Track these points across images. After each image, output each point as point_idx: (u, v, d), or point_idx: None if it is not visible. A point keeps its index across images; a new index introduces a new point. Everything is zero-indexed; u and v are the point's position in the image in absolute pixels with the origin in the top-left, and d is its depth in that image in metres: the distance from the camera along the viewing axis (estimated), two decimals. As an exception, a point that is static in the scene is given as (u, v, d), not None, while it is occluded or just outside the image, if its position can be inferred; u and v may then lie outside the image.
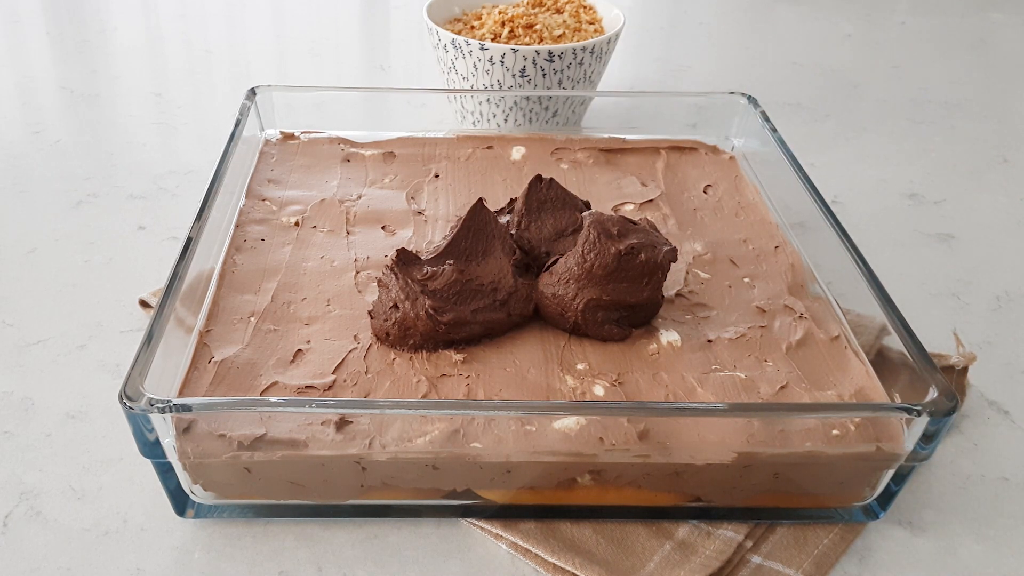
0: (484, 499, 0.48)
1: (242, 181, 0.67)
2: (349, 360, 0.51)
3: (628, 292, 0.52)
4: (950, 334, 0.59)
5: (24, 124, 0.90)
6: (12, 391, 0.57)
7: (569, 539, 0.48)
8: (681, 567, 0.46)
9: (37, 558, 0.47)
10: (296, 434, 0.45)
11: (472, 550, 0.48)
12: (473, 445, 0.45)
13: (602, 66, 0.86)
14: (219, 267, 0.58)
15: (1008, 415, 0.58)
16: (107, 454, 0.53)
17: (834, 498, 0.50)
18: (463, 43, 0.81)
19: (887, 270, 0.69)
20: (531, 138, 0.76)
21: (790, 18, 1.29)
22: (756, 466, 0.47)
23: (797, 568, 0.47)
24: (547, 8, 0.91)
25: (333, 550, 0.48)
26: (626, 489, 0.48)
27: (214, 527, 0.49)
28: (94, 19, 1.18)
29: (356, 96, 0.78)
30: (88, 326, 0.63)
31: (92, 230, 0.73)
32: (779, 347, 0.53)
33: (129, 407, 0.42)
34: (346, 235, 0.62)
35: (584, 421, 0.46)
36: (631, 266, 0.52)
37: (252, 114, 0.70)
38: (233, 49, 1.14)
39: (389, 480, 0.47)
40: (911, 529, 0.50)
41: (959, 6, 1.34)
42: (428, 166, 0.71)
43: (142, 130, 0.90)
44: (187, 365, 0.50)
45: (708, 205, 0.68)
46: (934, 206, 0.82)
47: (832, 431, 0.46)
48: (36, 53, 1.09)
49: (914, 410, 0.44)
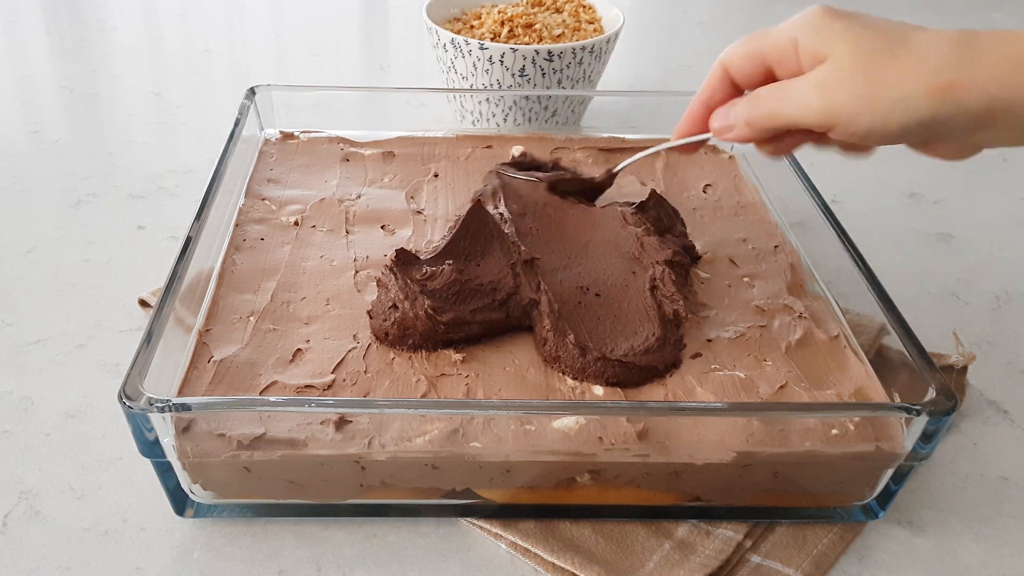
0: (483, 498, 0.48)
1: (241, 180, 0.67)
2: (348, 359, 0.51)
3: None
4: (949, 334, 0.59)
5: (24, 124, 0.90)
6: (12, 390, 0.57)
7: (568, 538, 0.48)
8: (680, 566, 0.46)
9: (36, 557, 0.47)
10: (295, 433, 0.45)
11: (472, 549, 0.48)
12: (472, 445, 0.45)
13: (601, 65, 0.86)
14: (218, 266, 0.58)
15: (1007, 414, 0.58)
16: (106, 453, 0.53)
17: (833, 498, 0.50)
18: (462, 42, 0.81)
19: (887, 270, 0.69)
20: (530, 137, 0.75)
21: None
22: (755, 466, 0.47)
23: (796, 568, 0.47)
24: (546, 8, 0.91)
25: (332, 549, 0.48)
26: (625, 489, 0.48)
27: (213, 526, 0.49)
28: (93, 18, 1.18)
29: (355, 95, 0.78)
30: (87, 325, 0.62)
31: (91, 230, 0.73)
32: (778, 347, 0.53)
33: (128, 406, 0.42)
34: (345, 234, 0.62)
35: (583, 421, 0.46)
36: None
37: (251, 113, 0.70)
38: (233, 49, 1.14)
39: (388, 480, 0.47)
40: (910, 528, 0.50)
41: (959, 6, 1.34)
42: (427, 165, 0.71)
43: (142, 129, 0.90)
44: (186, 364, 0.50)
45: (708, 205, 0.68)
46: (933, 206, 0.82)
47: (831, 431, 0.46)
48: (35, 52, 1.09)
49: (913, 410, 0.44)
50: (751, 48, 0.47)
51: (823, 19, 0.43)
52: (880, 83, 0.41)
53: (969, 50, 0.40)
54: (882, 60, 0.41)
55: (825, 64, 0.42)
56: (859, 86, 0.41)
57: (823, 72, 0.42)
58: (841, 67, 0.41)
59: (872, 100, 0.41)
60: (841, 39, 0.42)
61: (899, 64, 0.40)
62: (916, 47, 0.41)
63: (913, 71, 0.40)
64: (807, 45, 0.43)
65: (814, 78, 0.43)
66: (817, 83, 0.42)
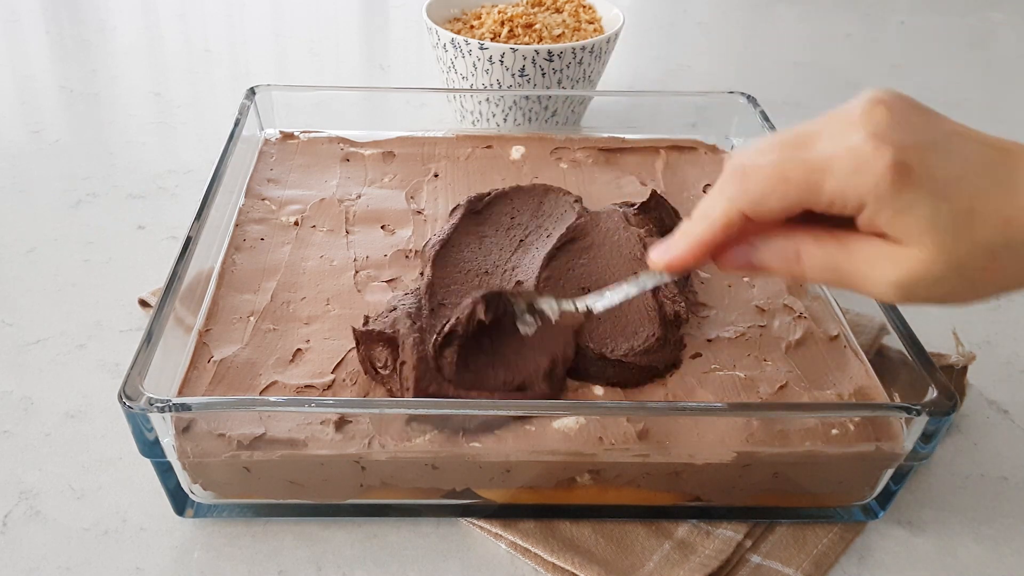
0: (483, 498, 0.48)
1: (241, 180, 0.67)
2: (348, 359, 0.51)
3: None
4: (950, 333, 0.59)
5: (23, 124, 0.90)
6: (12, 390, 0.57)
7: (568, 538, 0.48)
8: (680, 566, 0.46)
9: (36, 557, 0.47)
10: (295, 433, 0.45)
11: (472, 549, 0.48)
12: (472, 444, 0.45)
13: (601, 65, 0.86)
14: (218, 266, 0.58)
15: (1007, 414, 0.58)
16: (106, 454, 0.53)
17: (833, 497, 0.50)
18: (462, 42, 0.81)
19: (886, 270, 0.69)
20: (530, 137, 0.75)
21: (790, 17, 1.29)
22: (755, 465, 0.47)
23: (796, 567, 0.47)
24: (546, 7, 0.91)
25: (332, 549, 0.48)
26: (625, 489, 0.48)
27: (213, 526, 0.49)
28: (93, 18, 1.18)
29: (355, 95, 0.78)
30: (88, 325, 0.62)
31: (91, 229, 0.73)
32: (778, 346, 0.53)
33: (128, 406, 0.42)
34: (345, 234, 0.62)
35: (584, 421, 0.46)
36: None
37: (251, 113, 0.70)
38: (233, 48, 1.14)
39: (388, 479, 0.47)
40: (910, 528, 0.50)
41: (959, 6, 1.34)
42: (427, 165, 0.71)
43: (142, 129, 0.90)
44: (186, 364, 0.50)
45: (708, 204, 0.68)
46: (934, 206, 0.82)
47: (831, 430, 0.46)
48: (35, 52, 1.09)
49: (913, 409, 0.44)
50: (792, 200, 0.35)
51: (896, 182, 0.33)
52: (975, 287, 0.35)
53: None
54: (980, 266, 0.34)
55: (907, 255, 0.34)
56: (948, 287, 0.34)
57: (907, 268, 0.34)
58: (930, 270, 0.34)
59: (960, 296, 0.35)
60: (928, 233, 0.33)
61: (1000, 270, 0.34)
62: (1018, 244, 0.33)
63: (1014, 274, 0.34)
64: (881, 221, 0.34)
65: (895, 274, 0.35)
66: (899, 281, 0.35)
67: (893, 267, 0.34)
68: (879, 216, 0.34)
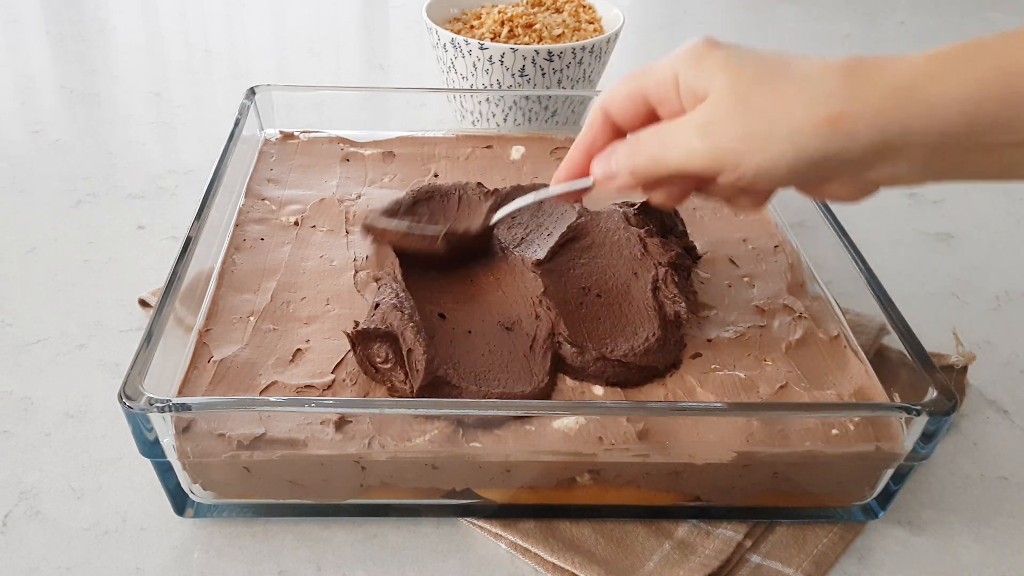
0: (483, 498, 0.48)
1: (241, 180, 0.67)
2: (348, 359, 0.51)
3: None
4: (950, 333, 0.59)
5: (24, 123, 0.90)
6: (12, 390, 0.57)
7: (568, 538, 0.48)
8: (680, 566, 0.46)
9: (36, 557, 0.47)
10: (295, 433, 0.45)
11: (472, 549, 0.48)
12: (472, 444, 0.45)
13: (601, 65, 0.86)
14: (218, 266, 0.58)
15: (1007, 414, 0.58)
16: (106, 454, 0.53)
17: (833, 497, 0.50)
18: (462, 42, 0.81)
19: (886, 270, 0.69)
20: (530, 137, 0.75)
21: (790, 18, 1.29)
22: (755, 465, 0.47)
23: (796, 567, 0.47)
24: (546, 7, 0.90)
25: (332, 549, 0.48)
26: (625, 489, 0.48)
27: (213, 526, 0.49)
28: (94, 18, 1.18)
29: (355, 95, 0.78)
30: (88, 325, 0.62)
31: (92, 229, 0.73)
32: (778, 346, 0.53)
33: (128, 406, 0.42)
34: (345, 234, 0.62)
35: (583, 420, 0.46)
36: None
37: (251, 113, 0.70)
38: (233, 49, 1.14)
39: (388, 479, 0.47)
40: (910, 528, 0.50)
41: (959, 6, 1.34)
42: (427, 165, 0.71)
43: (142, 130, 0.90)
44: (186, 364, 0.50)
45: (707, 204, 0.68)
46: (933, 205, 0.82)
47: (831, 431, 0.46)
48: (35, 52, 1.09)
49: (913, 410, 0.44)
50: (632, 88, 0.42)
51: (702, 50, 0.39)
52: (764, 119, 0.37)
53: (857, 77, 0.36)
54: (764, 92, 0.37)
55: (705, 102, 0.39)
56: (742, 124, 0.38)
57: (704, 111, 0.39)
58: (722, 104, 0.38)
59: (758, 138, 0.37)
60: (720, 72, 0.38)
61: (783, 96, 0.37)
62: (800, 76, 0.37)
63: (798, 103, 0.36)
64: (687, 81, 0.39)
65: (695, 119, 0.39)
66: (698, 124, 0.39)
67: (695, 116, 0.39)
68: (686, 77, 0.39)
